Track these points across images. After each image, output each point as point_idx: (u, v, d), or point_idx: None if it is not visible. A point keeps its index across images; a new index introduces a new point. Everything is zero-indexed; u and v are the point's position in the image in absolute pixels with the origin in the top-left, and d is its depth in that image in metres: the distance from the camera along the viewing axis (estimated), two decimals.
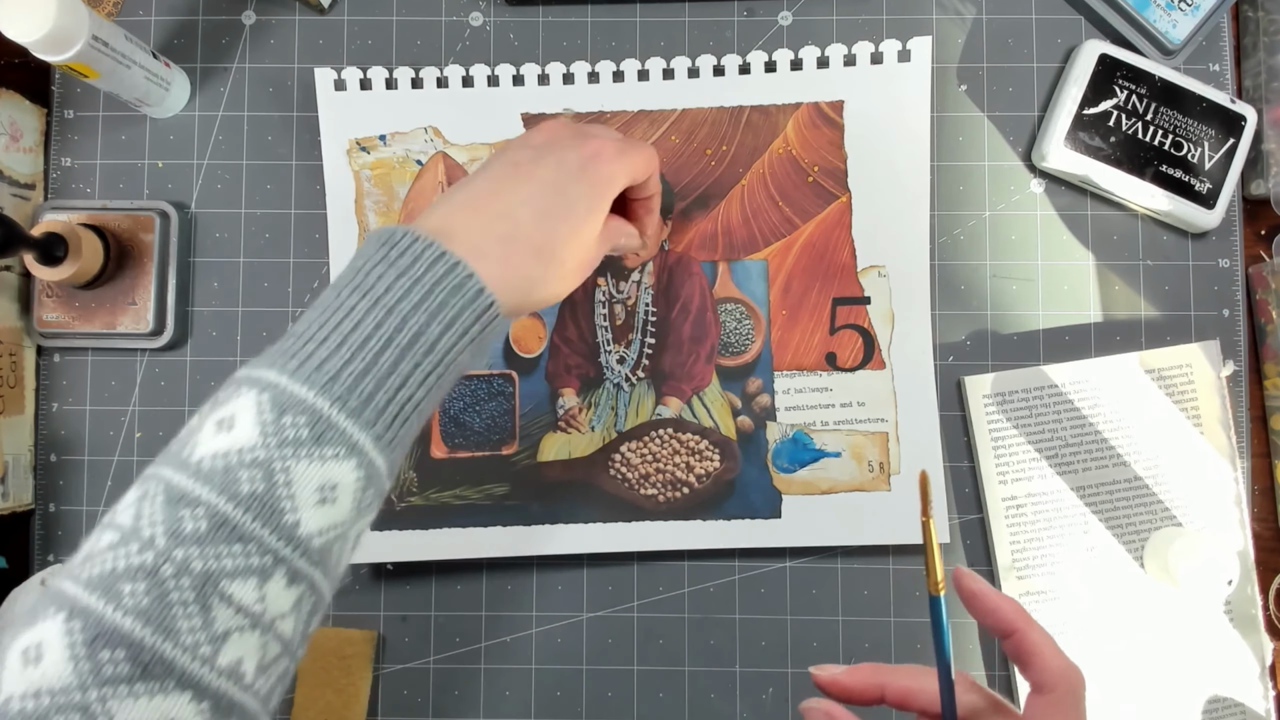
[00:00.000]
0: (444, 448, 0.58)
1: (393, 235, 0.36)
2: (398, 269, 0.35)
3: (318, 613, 0.34)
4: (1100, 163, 0.57)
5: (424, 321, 0.35)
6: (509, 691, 0.58)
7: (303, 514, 0.31)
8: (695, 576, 0.58)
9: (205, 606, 0.29)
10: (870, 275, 0.58)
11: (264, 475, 0.31)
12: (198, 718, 0.29)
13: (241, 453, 0.31)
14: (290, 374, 0.33)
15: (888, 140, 0.58)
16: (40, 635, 0.29)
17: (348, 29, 0.60)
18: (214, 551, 0.30)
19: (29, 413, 0.59)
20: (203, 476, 0.31)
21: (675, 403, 0.58)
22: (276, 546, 0.31)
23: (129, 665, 0.28)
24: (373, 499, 0.34)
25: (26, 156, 0.59)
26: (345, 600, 0.58)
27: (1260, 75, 0.59)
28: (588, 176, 0.42)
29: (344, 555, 0.34)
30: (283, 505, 0.31)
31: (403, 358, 0.34)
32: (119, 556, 0.30)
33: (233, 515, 0.30)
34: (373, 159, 0.59)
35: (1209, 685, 0.56)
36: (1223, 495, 0.57)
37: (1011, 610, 0.35)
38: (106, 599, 0.29)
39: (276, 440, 0.31)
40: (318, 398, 0.32)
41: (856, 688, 0.37)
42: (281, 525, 0.31)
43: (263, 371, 0.33)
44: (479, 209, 0.39)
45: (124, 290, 0.58)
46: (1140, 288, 0.59)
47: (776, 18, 0.60)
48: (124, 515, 0.31)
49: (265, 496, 0.31)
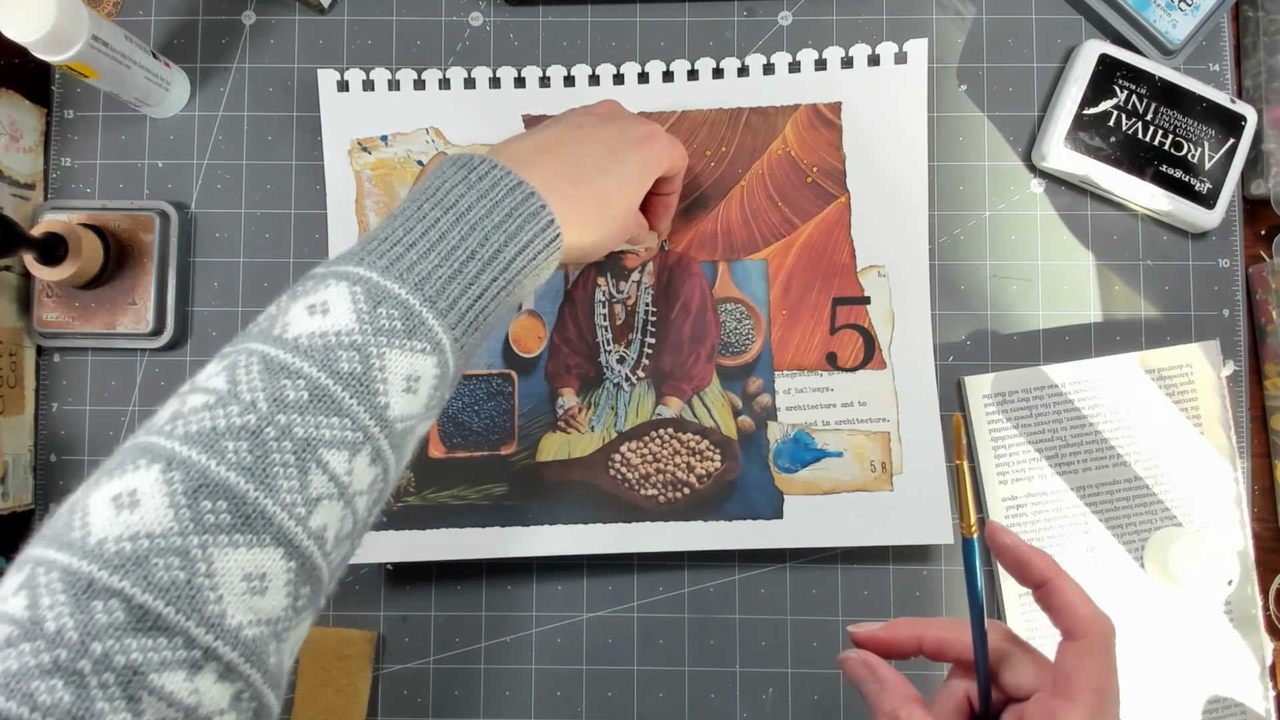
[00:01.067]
0: (442, 448, 0.58)
1: (470, 161, 0.39)
2: (479, 191, 0.38)
3: (381, 501, 0.35)
4: (1100, 163, 0.57)
5: (502, 241, 0.37)
6: (509, 691, 0.58)
7: (392, 398, 0.33)
8: (695, 577, 0.58)
9: (303, 470, 0.31)
10: (870, 275, 0.58)
11: (361, 358, 0.33)
12: (286, 574, 0.31)
13: (339, 335, 0.33)
14: (381, 271, 0.34)
15: (885, 141, 0.58)
16: (134, 483, 0.30)
17: (347, 29, 0.60)
18: (314, 421, 0.32)
19: (29, 413, 0.59)
20: (301, 352, 0.32)
21: (675, 403, 0.58)
22: (368, 424, 0.33)
23: (230, 516, 0.29)
24: (439, 399, 0.36)
25: (26, 156, 0.59)
26: (345, 600, 0.58)
27: (1260, 75, 0.59)
28: (643, 150, 0.46)
29: (411, 449, 0.36)
30: (377, 387, 0.33)
31: (483, 270, 0.37)
32: (218, 416, 0.31)
33: (333, 389, 0.32)
34: (374, 159, 0.59)
35: (1209, 685, 0.56)
36: (1223, 495, 0.57)
37: (1043, 562, 0.35)
38: (209, 454, 0.30)
39: (373, 328, 0.33)
40: (411, 295, 0.34)
41: (895, 641, 0.38)
42: (375, 405, 0.33)
43: (350, 267, 0.35)
44: (550, 152, 0.42)
45: (124, 290, 0.58)
46: (1140, 288, 0.59)
47: (776, 18, 0.60)
48: (215, 380, 0.32)
49: (363, 376, 0.33)
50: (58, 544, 0.29)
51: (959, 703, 0.37)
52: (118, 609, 0.27)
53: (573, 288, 0.58)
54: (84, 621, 0.27)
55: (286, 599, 0.31)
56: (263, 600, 0.30)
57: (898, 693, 0.36)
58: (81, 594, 0.27)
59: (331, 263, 0.36)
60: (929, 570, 0.58)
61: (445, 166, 0.39)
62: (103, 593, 0.27)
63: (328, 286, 0.34)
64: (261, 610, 0.30)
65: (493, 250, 0.37)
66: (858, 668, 0.37)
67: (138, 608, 0.27)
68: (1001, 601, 0.57)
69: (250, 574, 0.30)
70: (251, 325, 0.34)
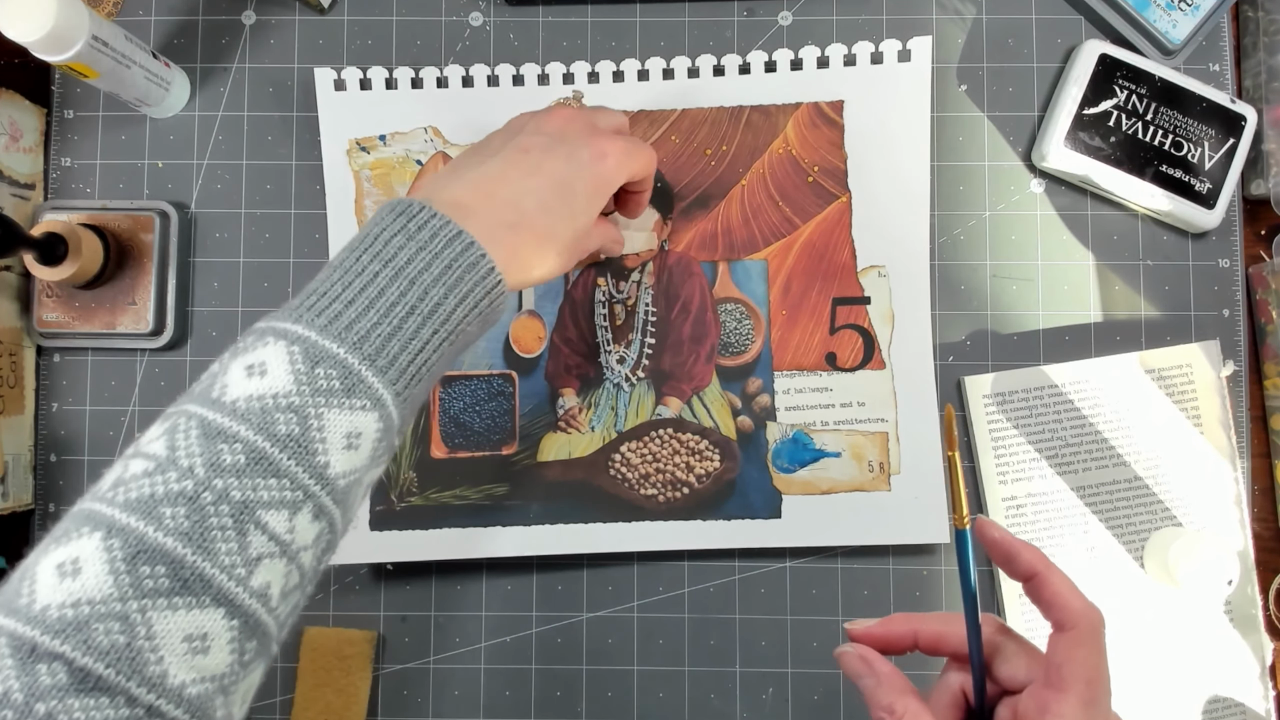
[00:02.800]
0: (444, 448, 0.58)
1: (409, 208, 0.39)
2: (418, 243, 0.38)
3: (330, 551, 0.36)
4: (1100, 163, 0.57)
5: (442, 294, 0.37)
6: (509, 691, 0.58)
7: (332, 456, 0.34)
8: (695, 576, 0.58)
9: (242, 532, 0.32)
10: (870, 275, 0.58)
11: (299, 419, 0.33)
12: (229, 632, 0.32)
13: (277, 397, 0.34)
14: (319, 330, 0.35)
15: (888, 140, 0.58)
16: (77, 551, 0.31)
17: (348, 29, 0.60)
18: (251, 484, 0.32)
19: (29, 413, 0.59)
20: (239, 416, 0.33)
21: (675, 403, 0.58)
22: (308, 483, 0.34)
23: (169, 580, 0.31)
24: (385, 450, 0.37)
25: (26, 156, 0.59)
26: (345, 600, 0.58)
27: (1260, 75, 0.59)
28: (592, 175, 0.44)
29: (357, 499, 0.37)
30: (315, 447, 0.34)
31: (424, 325, 0.37)
32: (156, 483, 0.32)
33: (270, 452, 0.33)
34: (372, 159, 0.59)
35: (1209, 685, 0.56)
36: (1223, 495, 0.57)
37: (1031, 555, 0.36)
38: (148, 520, 0.31)
39: (310, 389, 0.34)
40: (349, 354, 0.35)
41: (890, 637, 0.38)
42: (314, 465, 0.34)
43: (288, 325, 0.35)
44: (490, 193, 0.42)
45: (124, 290, 0.58)
46: (1140, 288, 0.59)
47: (776, 18, 0.60)
48: (155, 445, 0.33)
49: (300, 438, 0.33)
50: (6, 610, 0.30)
51: (954, 696, 0.37)
52: (60, 671, 0.29)
53: (573, 288, 0.58)
54: (29, 684, 0.28)
55: (231, 655, 0.32)
56: (205, 659, 0.31)
57: (893, 686, 0.36)
58: (26, 658, 0.29)
59: (273, 316, 0.36)
60: (929, 570, 0.58)
61: (385, 214, 0.39)
62: (46, 656, 0.29)
63: (266, 345, 0.35)
64: (205, 668, 0.31)
65: (432, 304, 0.37)
66: (854, 662, 0.37)
67: (79, 670, 0.29)
68: (1001, 599, 0.57)
69: (191, 635, 0.31)
70: (195, 383, 0.35)
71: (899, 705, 0.35)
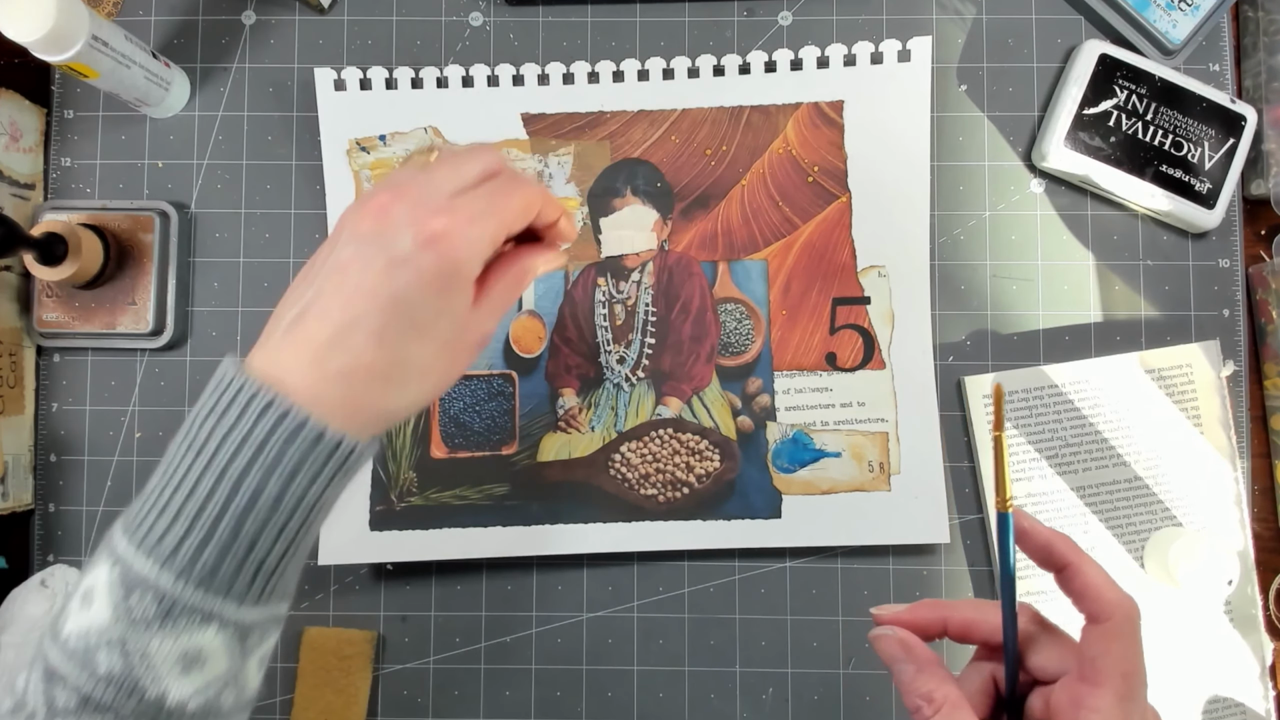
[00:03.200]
0: (444, 448, 0.58)
1: (224, 379, 0.34)
2: (226, 424, 0.33)
3: None
4: (1100, 163, 0.57)
5: (260, 479, 0.33)
6: (509, 691, 0.58)
7: (167, 684, 0.32)
8: (695, 576, 0.58)
9: None
10: (870, 275, 0.58)
11: (121, 654, 0.32)
12: None
13: (100, 633, 0.32)
14: (136, 546, 0.33)
15: (888, 140, 0.58)
16: None
17: (348, 29, 0.60)
18: None
19: (29, 413, 0.59)
20: (69, 654, 0.32)
21: (675, 403, 0.58)
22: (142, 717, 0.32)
23: None
24: (259, 639, 0.35)
25: (26, 156, 0.59)
26: (345, 600, 0.58)
27: (1260, 75, 0.59)
28: (427, 269, 0.35)
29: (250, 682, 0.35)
30: (143, 682, 0.32)
31: (244, 521, 0.33)
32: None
33: (95, 693, 0.32)
34: (372, 159, 0.59)
35: (1209, 685, 0.56)
36: (1223, 495, 0.57)
37: (1064, 545, 0.35)
38: None
39: (127, 620, 0.32)
40: (161, 574, 0.32)
41: (919, 623, 0.36)
42: (145, 700, 0.32)
43: (119, 538, 0.33)
44: (309, 339, 0.35)
45: (124, 290, 0.58)
46: (1140, 288, 0.59)
47: (776, 18, 0.60)
48: (20, 680, 0.33)
49: (123, 676, 0.32)
50: None
51: (985, 684, 0.36)
52: None
53: (573, 288, 0.58)
54: None
55: None
56: None
57: (934, 674, 0.34)
58: None
59: (121, 518, 0.34)
60: (928, 570, 0.58)
61: (211, 383, 0.35)
62: None
63: (99, 565, 0.33)
64: None
65: (249, 495, 0.33)
66: (892, 645, 0.35)
67: None
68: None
69: None
70: (64, 598, 0.35)
71: (939, 693, 0.33)
